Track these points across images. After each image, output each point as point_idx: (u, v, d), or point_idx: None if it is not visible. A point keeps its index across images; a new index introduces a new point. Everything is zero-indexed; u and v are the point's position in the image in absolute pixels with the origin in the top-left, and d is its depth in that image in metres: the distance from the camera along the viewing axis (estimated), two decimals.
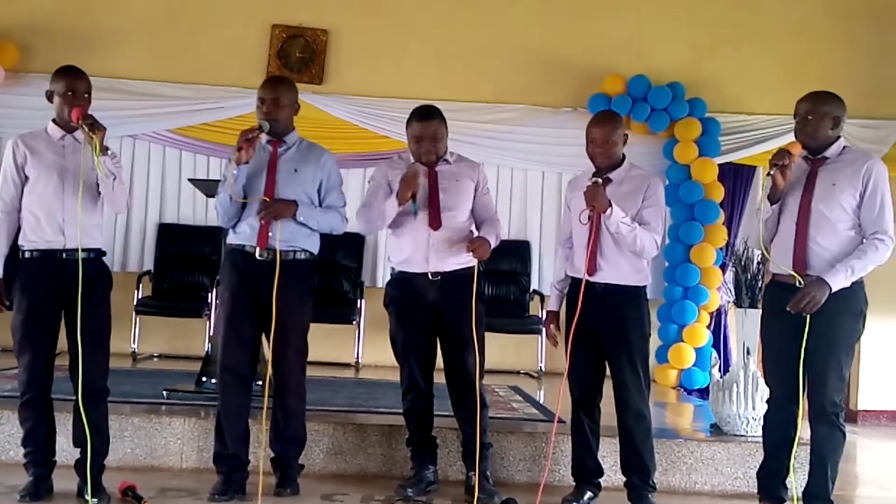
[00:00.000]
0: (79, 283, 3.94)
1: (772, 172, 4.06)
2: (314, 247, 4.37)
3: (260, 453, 4.27)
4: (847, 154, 4.14)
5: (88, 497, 3.99)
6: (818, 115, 4.09)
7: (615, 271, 4.28)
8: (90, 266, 4.00)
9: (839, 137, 4.16)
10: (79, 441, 4.09)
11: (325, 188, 4.36)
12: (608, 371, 4.40)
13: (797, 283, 4.04)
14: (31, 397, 4.09)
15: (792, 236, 4.10)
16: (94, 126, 3.94)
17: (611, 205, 4.17)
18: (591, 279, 4.28)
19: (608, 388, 4.40)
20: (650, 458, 4.36)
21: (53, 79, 4.09)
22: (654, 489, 4.38)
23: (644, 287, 4.37)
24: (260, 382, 5.02)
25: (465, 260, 4.37)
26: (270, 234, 4.20)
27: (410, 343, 4.44)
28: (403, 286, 4.45)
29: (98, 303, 4.05)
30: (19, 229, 4.08)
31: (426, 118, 4.42)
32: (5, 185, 4.05)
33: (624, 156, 4.37)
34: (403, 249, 4.43)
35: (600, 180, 4.22)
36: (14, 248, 4.09)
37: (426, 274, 4.37)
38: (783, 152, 4.07)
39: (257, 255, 4.22)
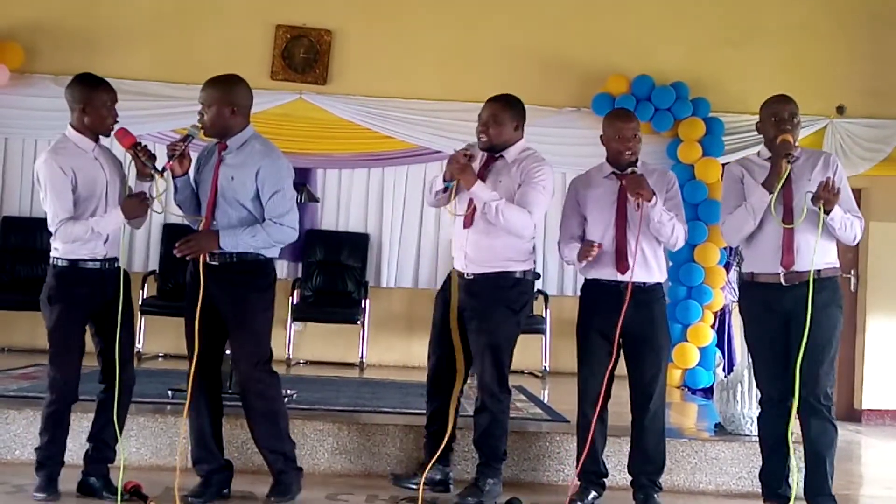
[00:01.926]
0: (115, 290, 4.08)
1: (789, 162, 4.12)
2: (263, 251, 4.14)
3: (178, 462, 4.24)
4: (805, 151, 4.33)
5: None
6: (799, 117, 4.27)
7: (643, 269, 4.30)
8: (120, 272, 4.13)
9: None
10: (103, 437, 4.16)
11: (262, 198, 4.08)
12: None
13: (781, 283, 4.13)
14: (63, 406, 4.12)
15: (778, 234, 4.16)
16: (153, 157, 4.08)
17: (655, 193, 4.22)
18: (622, 279, 4.28)
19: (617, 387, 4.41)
20: (660, 459, 4.38)
21: (88, 91, 4.08)
22: (659, 489, 4.39)
23: (662, 283, 4.41)
24: None
25: (498, 264, 4.31)
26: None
27: (437, 339, 4.44)
28: (447, 281, 4.45)
29: (129, 307, 4.16)
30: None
31: (490, 100, 4.42)
32: (67, 199, 4.00)
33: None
34: (453, 244, 4.45)
35: (638, 170, 4.26)
36: (45, 257, 4.15)
37: (462, 273, 4.37)
38: (788, 143, 4.15)
39: (207, 260, 4.10)
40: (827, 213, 4.04)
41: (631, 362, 4.35)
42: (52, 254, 4.11)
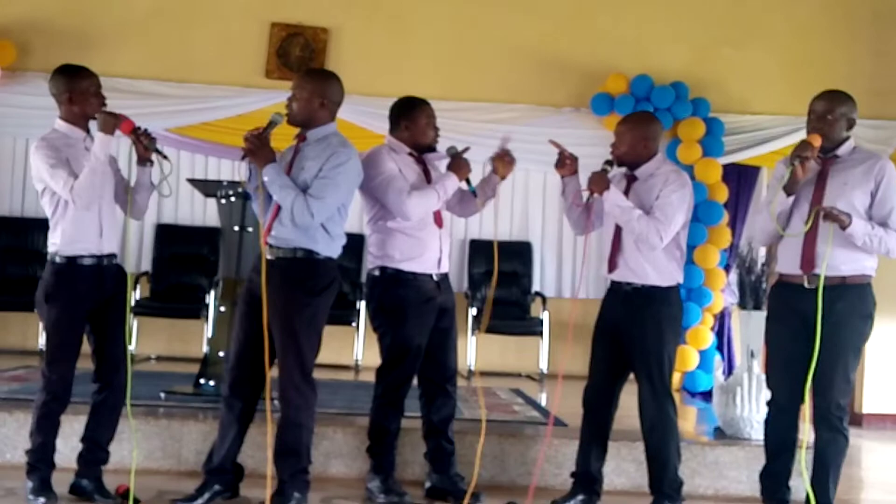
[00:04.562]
0: (113, 287, 4.09)
1: (795, 164, 4.02)
2: (318, 246, 4.08)
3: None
4: (857, 154, 4.15)
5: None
6: (836, 115, 4.09)
7: (629, 270, 4.26)
8: (119, 269, 4.13)
9: (849, 137, 4.15)
10: (96, 438, 4.12)
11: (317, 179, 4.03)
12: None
13: (805, 284, 4.01)
14: (57, 407, 4.08)
15: (801, 235, 4.06)
16: (153, 140, 4.08)
17: (608, 188, 4.21)
18: (610, 277, 4.31)
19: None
20: (661, 469, 4.26)
21: (69, 80, 4.05)
22: (668, 497, 4.25)
23: (668, 288, 4.28)
24: None
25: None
26: (273, 232, 4.09)
27: (422, 347, 4.39)
28: (412, 286, 4.35)
29: (126, 304, 4.14)
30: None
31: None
32: (65, 172, 3.93)
33: (657, 152, 4.38)
34: (413, 247, 4.35)
35: (608, 168, 4.28)
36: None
37: (431, 275, 4.38)
38: (806, 144, 4.04)
39: (267, 255, 4.10)
40: (843, 228, 3.95)
41: (629, 367, 4.33)
42: (50, 249, 4.06)
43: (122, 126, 4.05)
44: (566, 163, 4.41)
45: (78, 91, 4.03)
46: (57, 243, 4.03)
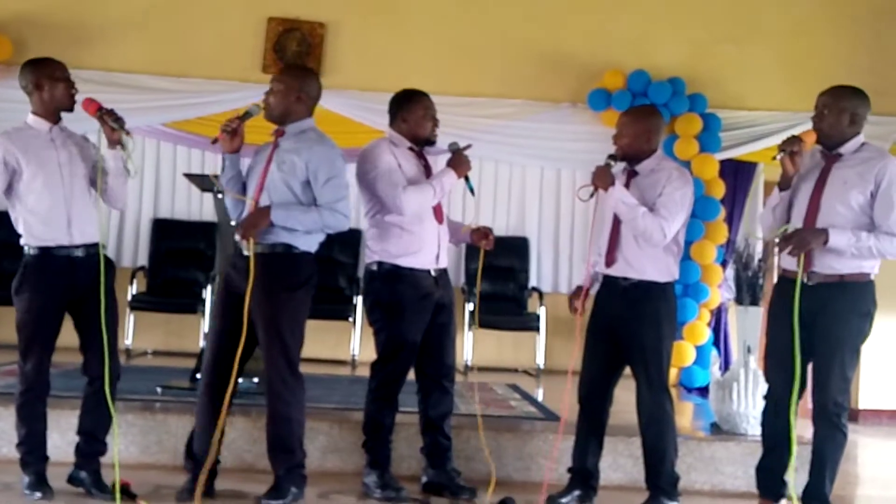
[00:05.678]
0: (92, 278, 3.98)
1: (778, 157, 4.02)
2: (297, 241, 4.08)
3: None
4: (863, 152, 4.09)
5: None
6: (836, 109, 4.05)
7: (627, 265, 4.24)
8: (102, 260, 4.03)
9: (857, 134, 4.10)
10: (91, 430, 4.09)
11: (314, 185, 4.07)
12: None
13: (805, 280, 4.01)
14: (35, 396, 4.07)
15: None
16: (120, 120, 4.00)
17: (613, 184, 4.17)
18: (608, 272, 4.29)
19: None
20: (658, 464, 4.26)
21: (35, 69, 4.04)
22: (665, 492, 4.25)
23: (665, 283, 4.28)
24: (256, 380, 4.96)
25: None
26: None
27: (417, 343, 4.38)
28: (409, 282, 4.34)
29: (111, 294, 4.09)
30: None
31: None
32: None
33: (655, 149, 4.33)
34: (411, 243, 4.34)
35: (612, 162, 4.24)
36: (16, 246, 4.07)
37: (429, 270, 4.37)
38: (795, 139, 4.03)
39: (244, 251, 4.07)
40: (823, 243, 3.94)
41: (626, 361, 4.32)
42: (21, 241, 4.05)
43: (89, 109, 4.02)
44: (576, 308, 4.36)
45: (46, 76, 4.01)
46: (24, 236, 4.03)
